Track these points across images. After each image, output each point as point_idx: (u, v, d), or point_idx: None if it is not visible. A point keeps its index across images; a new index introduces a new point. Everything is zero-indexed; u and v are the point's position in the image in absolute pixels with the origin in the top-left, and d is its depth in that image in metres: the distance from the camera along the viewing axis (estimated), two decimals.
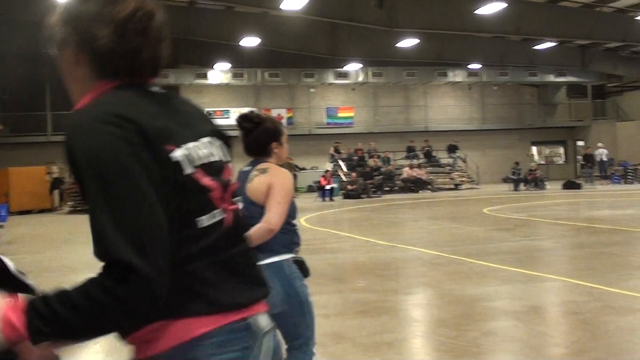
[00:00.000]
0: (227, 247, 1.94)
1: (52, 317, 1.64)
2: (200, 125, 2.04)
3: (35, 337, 1.65)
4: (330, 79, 42.50)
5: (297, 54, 40.69)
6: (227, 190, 2.00)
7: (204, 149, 1.96)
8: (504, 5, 31.96)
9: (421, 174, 37.86)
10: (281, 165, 4.49)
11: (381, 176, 37.84)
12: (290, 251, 4.33)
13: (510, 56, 42.53)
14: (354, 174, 35.28)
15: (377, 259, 12.53)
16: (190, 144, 1.91)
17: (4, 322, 1.64)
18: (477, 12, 33.05)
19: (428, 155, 41.72)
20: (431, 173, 39.65)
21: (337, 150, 39.72)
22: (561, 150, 51.41)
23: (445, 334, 6.97)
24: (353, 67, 41.87)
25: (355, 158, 39.26)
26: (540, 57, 42.82)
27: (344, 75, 42.47)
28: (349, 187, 34.35)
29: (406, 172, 37.87)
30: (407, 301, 9.15)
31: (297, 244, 4.45)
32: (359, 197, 33.22)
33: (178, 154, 1.84)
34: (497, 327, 7.39)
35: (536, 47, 41.56)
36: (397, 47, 39.05)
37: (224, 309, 1.87)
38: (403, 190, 37.18)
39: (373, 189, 35.37)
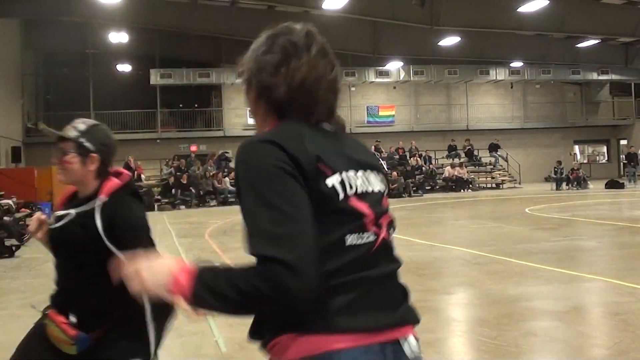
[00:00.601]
0: (371, 269, 2.02)
1: (216, 291, 1.80)
2: (361, 158, 2.14)
3: (196, 302, 1.83)
4: (371, 77, 42.43)
5: (338, 53, 39.63)
6: (381, 218, 2.09)
7: (361, 179, 2.08)
8: (547, 2, 31.75)
9: (462, 173, 37.70)
10: None
11: (422, 175, 37.76)
12: None
13: (552, 54, 42.18)
14: (394, 173, 35.21)
15: (418, 258, 12.52)
16: (350, 173, 2.03)
17: (173, 279, 1.83)
18: (519, 9, 32.88)
19: (469, 154, 41.51)
20: (472, 172, 39.47)
21: (377, 149, 39.64)
22: (604, 149, 50.84)
23: (485, 334, 6.97)
24: (394, 65, 41.79)
25: (396, 157, 39.15)
26: (583, 55, 42.42)
27: (385, 73, 42.38)
28: (390, 186, 34.28)
29: (447, 171, 37.73)
30: (448, 300, 9.16)
31: None
32: (400, 196, 33.19)
33: (334, 179, 1.97)
34: (537, 328, 7.37)
35: (579, 45, 41.21)
36: (438, 45, 38.94)
37: (361, 328, 1.93)
38: (444, 189, 37.07)
39: (414, 188, 35.30)
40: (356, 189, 2.02)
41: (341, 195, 1.97)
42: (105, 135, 3.43)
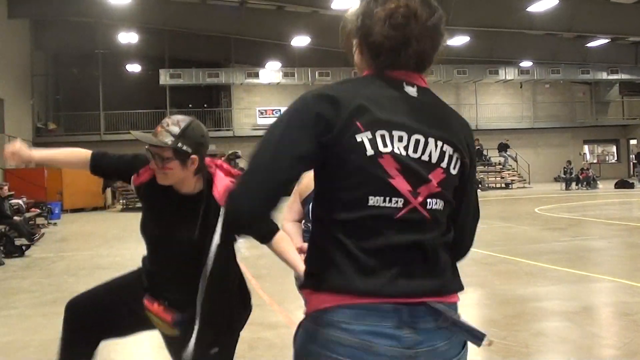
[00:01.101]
0: (393, 235, 2.04)
1: None
2: (427, 126, 2.14)
3: None
4: None
5: (347, 54, 40.70)
6: (420, 186, 2.08)
7: (412, 143, 2.08)
8: (556, 2, 31.65)
9: None
10: None
11: None
12: None
13: (562, 54, 42.07)
14: None
15: None
16: (394, 132, 2.05)
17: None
18: (528, 9, 32.82)
19: (479, 153, 41.40)
20: (482, 172, 39.39)
21: None
22: (614, 148, 50.71)
23: (495, 334, 6.96)
24: None
25: None
26: (593, 55, 42.31)
27: None
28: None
29: None
30: None
31: None
32: None
33: (364, 135, 2.02)
34: (547, 328, 7.37)
35: (589, 45, 41.11)
36: (447, 45, 38.77)
37: (368, 292, 1.98)
38: None
39: None
40: (393, 149, 2.04)
41: (369, 152, 2.01)
42: (200, 133, 3.41)
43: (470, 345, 2.14)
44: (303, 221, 4.40)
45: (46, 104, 41.92)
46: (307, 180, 4.39)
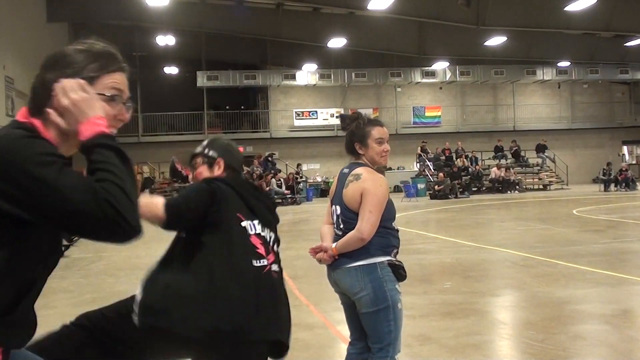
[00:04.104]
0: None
1: None
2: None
3: None
4: (417, 78, 42.33)
5: (384, 54, 40.73)
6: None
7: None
8: (594, 1, 31.35)
9: (509, 174, 37.43)
10: (377, 169, 4.45)
11: (468, 176, 37.57)
12: (386, 254, 4.25)
13: (600, 53, 41.71)
14: (441, 174, 35.07)
15: (464, 260, 12.47)
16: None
17: None
18: (566, 8, 32.55)
19: (516, 155, 41.19)
20: (519, 173, 39.17)
21: (424, 150, 39.53)
22: None
23: (532, 337, 6.92)
24: (440, 65, 41.68)
25: (442, 158, 39.00)
26: (632, 54, 41.90)
27: (431, 74, 42.26)
28: (436, 187, 34.17)
29: (494, 172, 37.50)
30: (494, 303, 9.11)
31: (395, 246, 4.35)
32: (446, 198, 33.03)
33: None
34: (585, 331, 7.31)
35: (627, 44, 40.68)
36: (484, 45, 38.72)
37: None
38: (490, 190, 36.87)
39: (460, 190, 35.10)
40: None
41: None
42: (227, 143, 3.92)
43: (509, 346, 2.14)
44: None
45: None
46: (333, 186, 4.59)
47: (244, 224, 3.40)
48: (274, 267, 3.41)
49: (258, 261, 3.32)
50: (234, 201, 3.45)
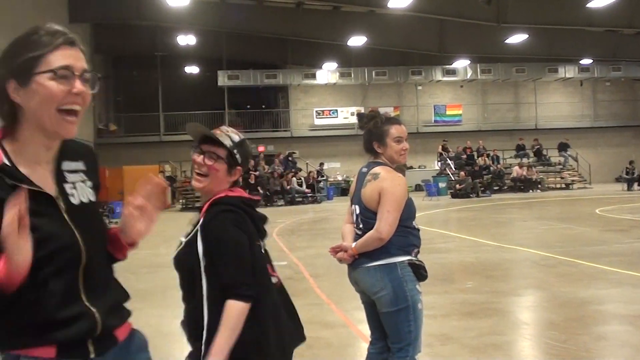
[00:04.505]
0: None
1: None
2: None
3: None
4: (438, 76, 42.25)
5: (404, 52, 40.64)
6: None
7: None
8: None
9: (531, 173, 37.25)
10: (395, 168, 4.42)
11: (490, 175, 37.42)
12: (406, 253, 4.23)
13: (623, 51, 41.39)
14: (462, 173, 34.95)
15: (485, 259, 12.43)
16: None
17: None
18: (588, 5, 32.38)
19: (538, 153, 40.98)
20: (541, 172, 38.96)
21: (445, 149, 39.41)
22: None
23: (554, 338, 6.89)
24: (461, 63, 41.55)
25: (463, 157, 38.84)
26: None
27: (452, 72, 42.15)
28: (457, 186, 34.09)
29: (515, 171, 37.34)
30: (516, 303, 9.07)
31: (416, 246, 4.32)
32: (468, 197, 32.94)
33: None
34: (608, 332, 7.26)
35: None
36: (505, 42, 38.55)
37: None
38: (512, 189, 36.71)
39: (482, 189, 34.99)
40: None
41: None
42: (251, 152, 3.40)
43: (531, 346, 2.12)
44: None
45: (107, 105, 42.61)
46: (353, 185, 4.59)
47: (262, 247, 3.18)
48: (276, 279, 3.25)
49: (272, 278, 3.17)
50: (252, 227, 3.14)
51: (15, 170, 2.08)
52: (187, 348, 3.07)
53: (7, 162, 2.08)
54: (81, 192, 2.25)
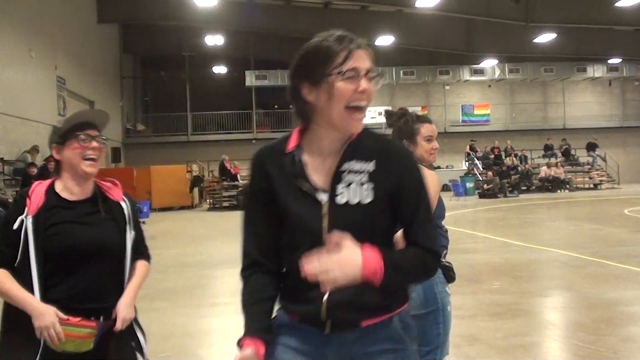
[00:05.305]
0: None
1: (401, 270, 2.27)
2: None
3: (385, 282, 2.21)
4: (466, 75, 42.10)
5: (432, 51, 40.57)
6: None
7: None
8: None
9: (559, 173, 37.04)
10: (425, 166, 4.29)
11: (518, 175, 37.25)
12: None
13: None
14: (490, 173, 34.82)
15: (513, 260, 12.40)
16: None
17: (366, 268, 2.17)
18: (617, 4, 32.17)
19: (566, 153, 40.72)
20: (569, 172, 38.70)
21: (472, 149, 39.27)
22: None
23: (582, 339, 6.87)
24: (489, 63, 41.37)
25: (491, 156, 38.68)
26: None
27: (480, 71, 41.97)
28: (485, 186, 33.97)
29: (544, 171, 37.14)
30: (544, 304, 9.04)
31: (445, 247, 4.30)
32: (495, 197, 32.81)
33: None
34: (637, 333, 7.23)
35: None
36: (533, 42, 38.37)
37: None
38: (540, 189, 36.52)
39: (509, 189, 34.83)
40: None
41: None
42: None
43: (559, 347, 2.15)
44: None
45: (135, 105, 42.92)
46: None
47: None
48: None
49: None
50: None
51: (300, 164, 2.44)
52: (214, 347, 3.12)
53: (295, 154, 2.48)
54: (353, 192, 2.35)
